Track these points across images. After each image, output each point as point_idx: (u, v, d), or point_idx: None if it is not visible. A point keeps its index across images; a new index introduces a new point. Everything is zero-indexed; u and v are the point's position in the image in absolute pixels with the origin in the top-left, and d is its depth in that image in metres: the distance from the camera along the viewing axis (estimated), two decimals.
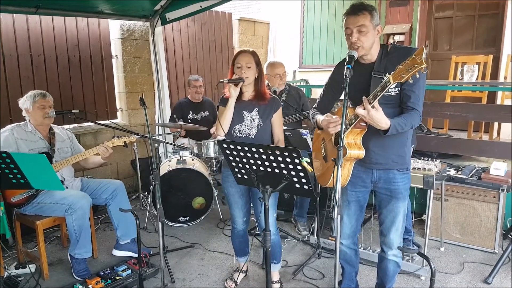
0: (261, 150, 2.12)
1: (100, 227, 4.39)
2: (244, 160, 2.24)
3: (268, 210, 2.28)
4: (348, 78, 2.06)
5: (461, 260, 3.55)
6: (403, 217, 2.49)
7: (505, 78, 5.42)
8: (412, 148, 3.54)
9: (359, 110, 2.09)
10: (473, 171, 3.87)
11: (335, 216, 1.85)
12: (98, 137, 5.13)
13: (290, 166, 2.09)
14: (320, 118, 2.45)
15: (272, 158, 2.11)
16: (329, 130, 2.30)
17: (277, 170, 2.15)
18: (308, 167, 2.04)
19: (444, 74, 5.84)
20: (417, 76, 1.89)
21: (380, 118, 2.08)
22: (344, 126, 2.00)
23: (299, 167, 2.07)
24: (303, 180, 2.12)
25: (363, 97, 2.09)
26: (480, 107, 4.57)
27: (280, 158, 2.08)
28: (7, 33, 4.39)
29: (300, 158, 2.01)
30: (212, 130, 2.90)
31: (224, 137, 2.79)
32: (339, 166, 1.92)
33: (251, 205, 3.01)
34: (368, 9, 2.21)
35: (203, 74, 6.46)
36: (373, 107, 2.07)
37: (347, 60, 2.15)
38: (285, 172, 2.13)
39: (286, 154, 2.04)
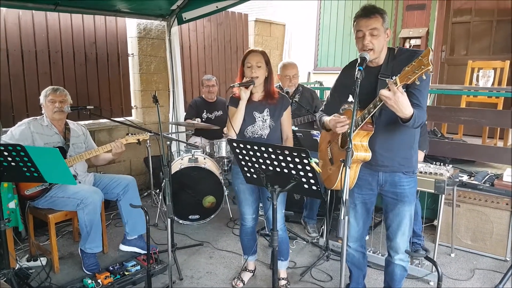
0: (270, 149, 2.12)
1: (112, 222, 4.44)
2: (254, 159, 2.25)
3: (276, 210, 2.28)
4: (359, 80, 2.04)
5: (472, 267, 3.51)
6: (409, 221, 2.47)
7: None
8: (425, 153, 3.52)
9: (384, 92, 1.97)
10: (486, 177, 3.82)
11: (342, 217, 1.84)
12: (112, 133, 5.19)
13: (299, 166, 2.09)
14: (327, 118, 2.45)
15: (281, 158, 2.11)
16: (336, 130, 2.29)
17: (285, 170, 2.16)
18: (317, 168, 2.04)
19: (460, 80, 5.74)
20: (424, 77, 1.87)
21: (405, 103, 1.98)
22: (353, 127, 2.00)
23: (307, 168, 2.06)
24: (312, 181, 2.12)
25: (387, 79, 2.01)
26: (494, 113, 4.50)
27: (289, 158, 2.08)
28: (26, 30, 4.48)
29: (309, 159, 2.01)
30: (225, 130, 2.92)
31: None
32: (348, 167, 1.91)
33: (261, 203, 3.02)
34: (380, 12, 2.20)
35: (218, 74, 6.49)
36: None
37: (358, 61, 2.14)
38: (293, 172, 2.13)
39: (295, 154, 2.04)
